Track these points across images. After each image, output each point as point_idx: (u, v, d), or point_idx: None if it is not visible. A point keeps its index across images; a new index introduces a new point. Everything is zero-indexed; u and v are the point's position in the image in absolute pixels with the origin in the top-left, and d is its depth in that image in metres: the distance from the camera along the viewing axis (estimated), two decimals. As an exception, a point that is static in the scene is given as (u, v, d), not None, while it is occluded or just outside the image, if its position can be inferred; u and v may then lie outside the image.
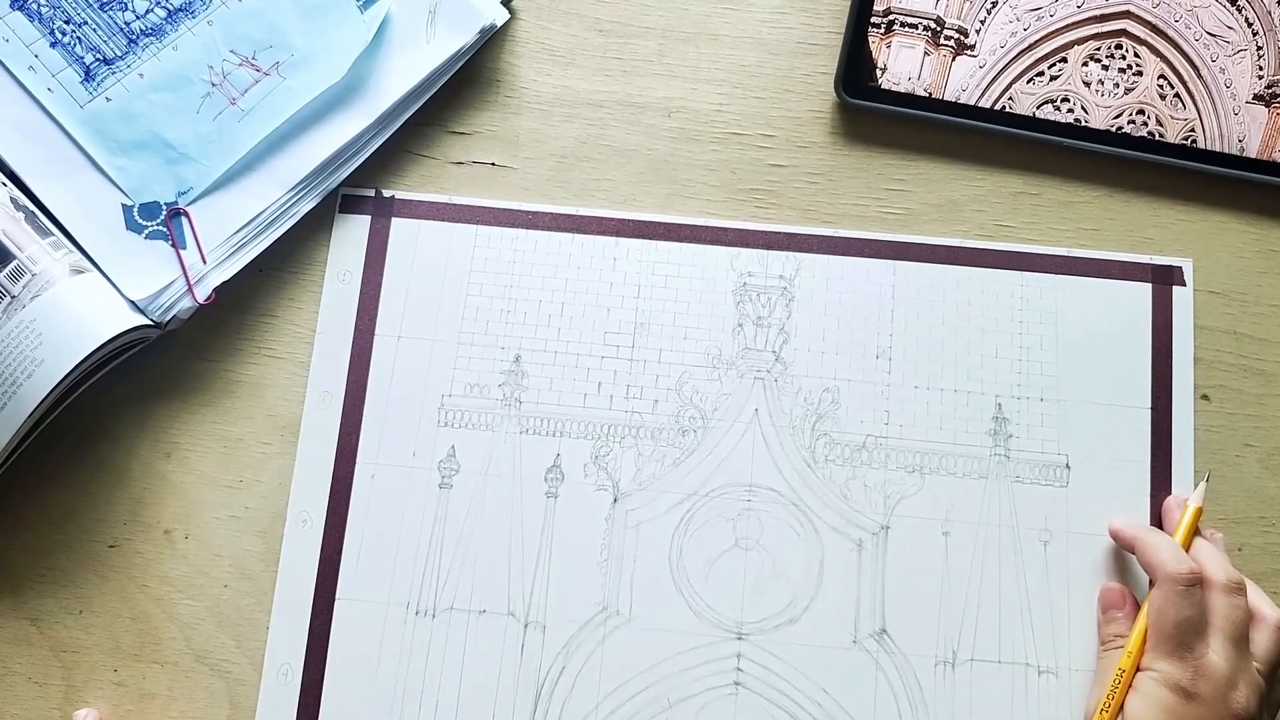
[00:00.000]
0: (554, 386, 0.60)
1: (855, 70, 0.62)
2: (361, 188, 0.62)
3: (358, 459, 0.59)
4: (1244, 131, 0.62)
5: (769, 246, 0.62)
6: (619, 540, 0.58)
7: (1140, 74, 0.62)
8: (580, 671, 0.57)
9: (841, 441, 0.59)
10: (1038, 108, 0.62)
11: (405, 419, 0.60)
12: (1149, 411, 0.59)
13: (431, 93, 0.62)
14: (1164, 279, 0.61)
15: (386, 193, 0.62)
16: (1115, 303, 0.61)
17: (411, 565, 0.58)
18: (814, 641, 0.57)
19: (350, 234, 0.62)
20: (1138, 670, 0.53)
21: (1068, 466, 0.59)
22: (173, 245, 0.59)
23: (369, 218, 0.62)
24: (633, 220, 0.62)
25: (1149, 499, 0.58)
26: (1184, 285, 0.61)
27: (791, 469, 0.59)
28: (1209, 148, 0.62)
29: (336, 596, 0.58)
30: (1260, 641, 0.52)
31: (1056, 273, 0.61)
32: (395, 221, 0.62)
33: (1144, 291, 0.61)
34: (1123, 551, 0.57)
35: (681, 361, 0.60)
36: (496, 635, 0.57)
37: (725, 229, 0.62)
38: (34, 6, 0.60)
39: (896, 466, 0.59)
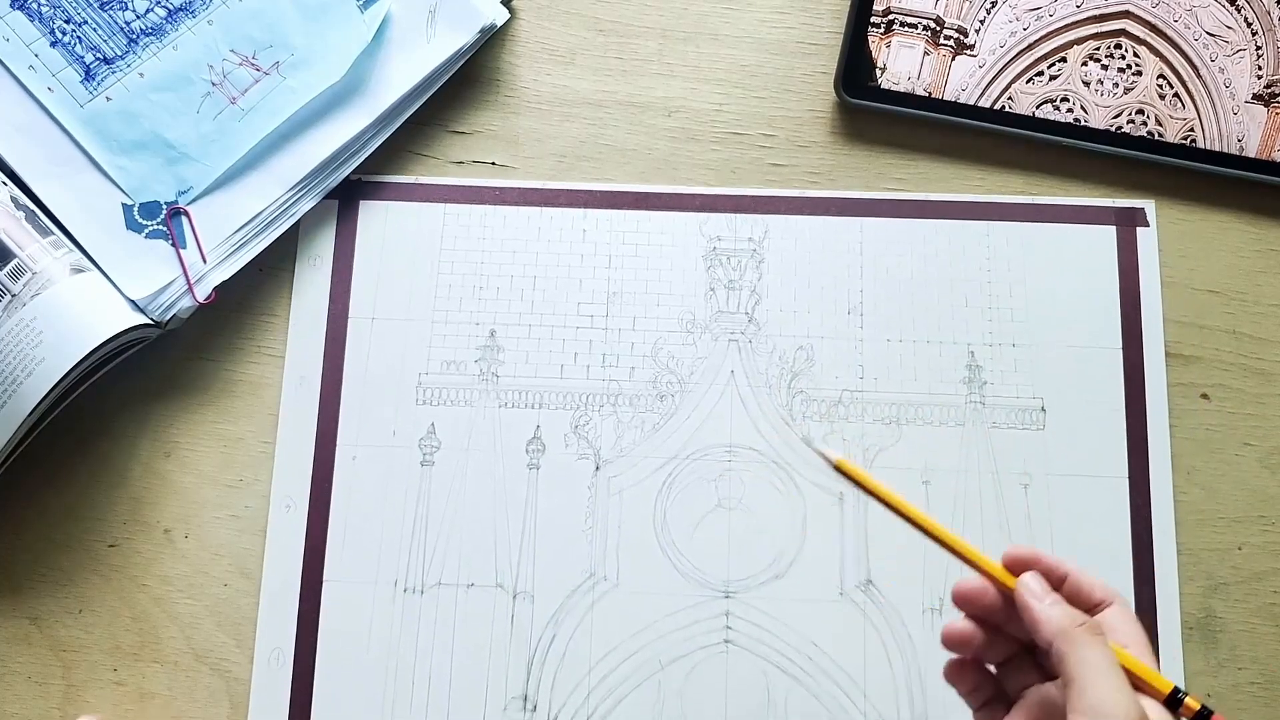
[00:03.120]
0: (530, 359, 0.60)
1: (855, 70, 0.63)
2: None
3: (338, 441, 0.59)
4: (1243, 131, 0.62)
5: (736, 210, 0.62)
6: (603, 507, 0.59)
7: (1140, 74, 0.62)
8: (571, 639, 0.57)
9: (818, 398, 0.60)
10: (1037, 107, 0.62)
11: (384, 399, 0.60)
12: (1120, 351, 0.60)
13: (431, 92, 0.62)
14: (1127, 221, 0.61)
15: (352, 175, 0.62)
16: (1081, 247, 0.61)
17: (397, 544, 0.58)
18: (801, 595, 0.57)
19: (318, 218, 0.62)
20: None
21: (1043, 410, 0.59)
22: (173, 244, 0.59)
23: (336, 201, 0.62)
24: (600, 191, 0.63)
25: (1125, 438, 0.59)
26: (1147, 226, 0.61)
27: (770, 427, 0.60)
28: (1208, 147, 0.62)
29: (324, 579, 0.58)
30: None
31: (1021, 220, 0.62)
32: (363, 204, 0.62)
33: (1108, 235, 0.61)
34: (1103, 492, 0.58)
35: (656, 328, 0.61)
36: (486, 607, 0.58)
37: (693, 195, 0.62)
38: (34, 6, 0.60)
39: (873, 419, 0.59)
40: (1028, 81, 0.62)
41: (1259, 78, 0.62)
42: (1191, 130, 0.62)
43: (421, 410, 0.60)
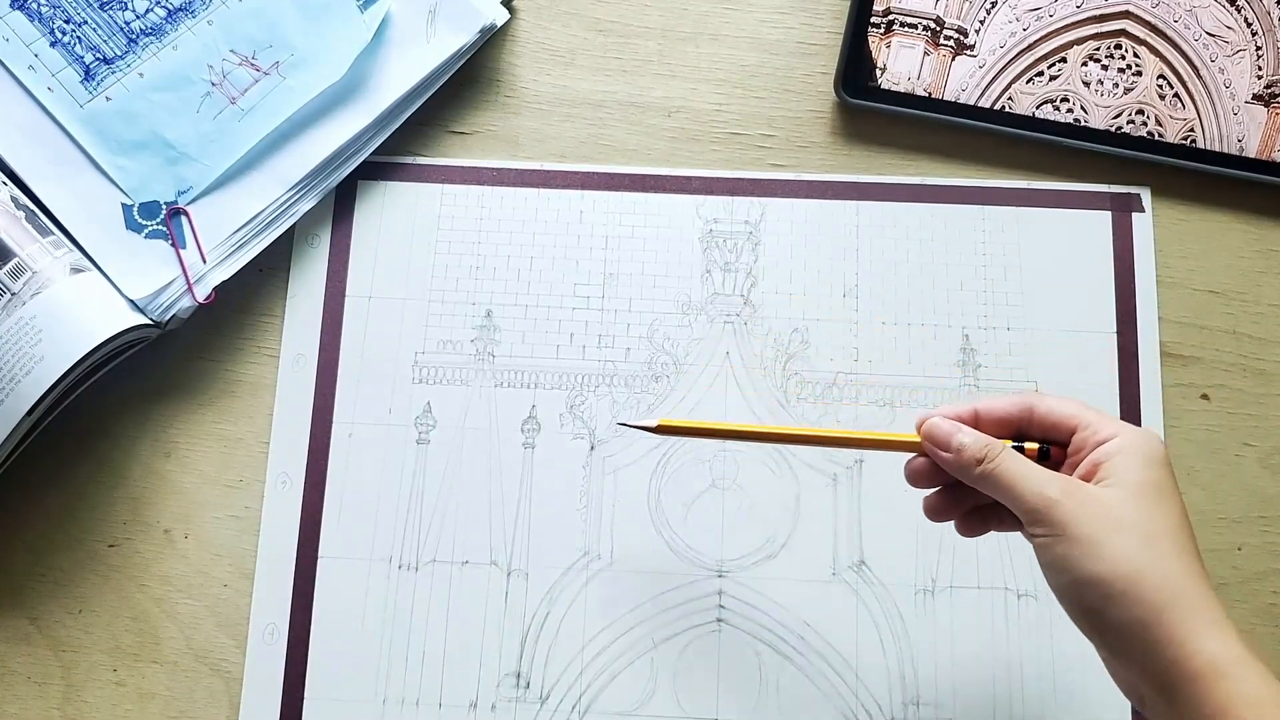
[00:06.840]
0: (526, 339, 0.61)
1: (855, 70, 0.63)
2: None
3: (334, 419, 0.60)
4: (1243, 131, 0.62)
5: (733, 193, 0.63)
6: (597, 486, 0.59)
7: (1139, 74, 0.62)
8: (565, 616, 0.57)
9: (812, 380, 0.60)
10: (1037, 108, 0.62)
11: (380, 378, 0.60)
12: (1114, 335, 0.60)
13: (431, 92, 0.62)
14: (1123, 206, 0.62)
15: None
16: (1076, 231, 0.62)
17: (392, 521, 0.59)
18: (794, 575, 0.58)
19: None
20: None
21: (1037, 393, 0.60)
22: (172, 245, 0.59)
23: None
24: (598, 173, 0.63)
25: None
26: (1143, 211, 0.61)
27: (765, 409, 0.60)
28: (1208, 148, 0.62)
29: (319, 555, 0.58)
30: None
31: (1017, 205, 0.62)
32: (360, 184, 0.62)
33: (1104, 219, 0.62)
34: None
35: (652, 309, 0.61)
36: (480, 585, 0.58)
37: (689, 177, 0.63)
38: (34, 6, 0.60)
39: (868, 401, 0.60)
40: (1028, 82, 0.62)
41: (1259, 78, 0.62)
42: (1191, 130, 0.62)
43: (418, 389, 0.60)
